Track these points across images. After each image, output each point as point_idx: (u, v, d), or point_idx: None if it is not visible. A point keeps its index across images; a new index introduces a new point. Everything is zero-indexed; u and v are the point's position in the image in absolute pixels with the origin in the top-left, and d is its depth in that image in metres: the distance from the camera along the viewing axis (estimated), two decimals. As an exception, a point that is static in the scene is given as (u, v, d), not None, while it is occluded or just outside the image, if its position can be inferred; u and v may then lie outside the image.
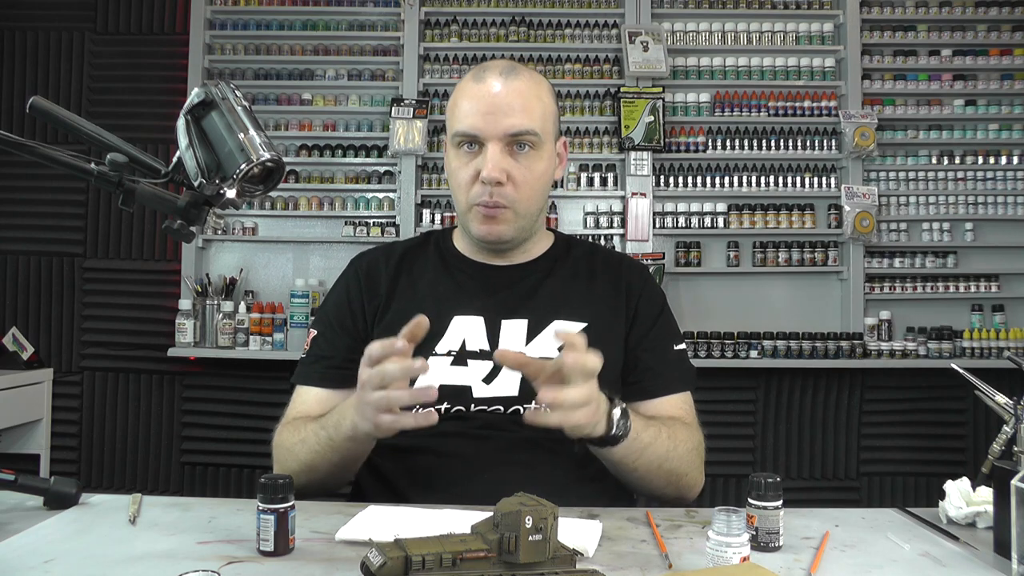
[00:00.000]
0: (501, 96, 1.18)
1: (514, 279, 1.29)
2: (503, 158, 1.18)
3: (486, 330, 1.23)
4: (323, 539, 0.93)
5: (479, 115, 1.18)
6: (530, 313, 1.25)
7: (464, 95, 1.22)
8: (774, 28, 3.34)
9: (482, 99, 1.19)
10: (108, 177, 0.88)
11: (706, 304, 3.25)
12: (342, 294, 1.31)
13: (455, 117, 1.22)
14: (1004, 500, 0.87)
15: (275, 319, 3.12)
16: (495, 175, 1.17)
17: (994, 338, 3.16)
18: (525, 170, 1.20)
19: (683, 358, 1.32)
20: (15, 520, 0.98)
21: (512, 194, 1.20)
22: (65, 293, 3.30)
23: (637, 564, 0.86)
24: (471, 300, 1.26)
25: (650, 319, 1.30)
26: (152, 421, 3.28)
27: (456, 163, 1.23)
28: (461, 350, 1.22)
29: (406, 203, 3.22)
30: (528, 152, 1.20)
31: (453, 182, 1.24)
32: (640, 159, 3.22)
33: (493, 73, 1.21)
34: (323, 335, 1.30)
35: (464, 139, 1.20)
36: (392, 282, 1.29)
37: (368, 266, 1.32)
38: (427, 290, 1.28)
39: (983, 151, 3.32)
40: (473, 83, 1.21)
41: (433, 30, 3.34)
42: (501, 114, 1.18)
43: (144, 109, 3.26)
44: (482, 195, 1.19)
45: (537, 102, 1.22)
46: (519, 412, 1.18)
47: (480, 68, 1.24)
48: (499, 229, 1.22)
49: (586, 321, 1.24)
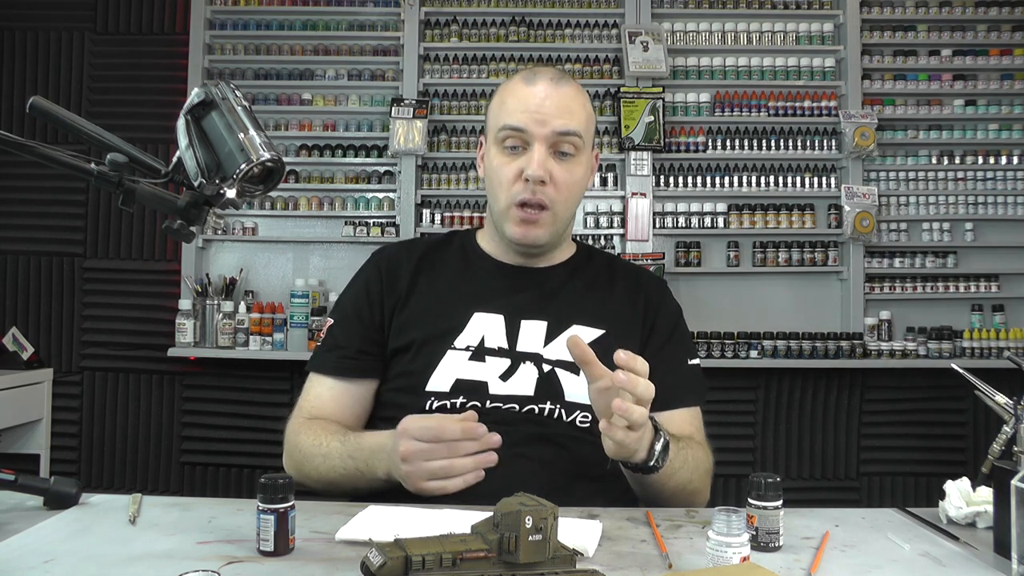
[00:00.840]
0: (552, 98, 1.22)
1: (536, 281, 1.31)
2: (547, 159, 1.22)
3: (505, 328, 1.25)
4: (323, 539, 0.93)
5: (528, 113, 1.21)
6: (550, 316, 1.27)
7: (512, 94, 1.25)
8: (774, 28, 3.34)
9: (532, 98, 1.22)
10: (108, 177, 0.88)
11: (706, 304, 3.25)
12: (361, 286, 1.33)
13: (503, 112, 1.24)
14: (1004, 500, 0.87)
15: (275, 319, 3.12)
16: (540, 173, 1.20)
17: (994, 338, 3.17)
18: (567, 173, 1.24)
19: (697, 372, 1.34)
20: (15, 520, 0.97)
21: (553, 195, 1.23)
22: (65, 293, 3.30)
23: (637, 564, 0.86)
24: (492, 298, 1.28)
25: (666, 332, 1.32)
26: (152, 421, 3.28)
27: (498, 160, 1.24)
28: (480, 346, 1.23)
29: (406, 203, 3.22)
30: (570, 158, 1.24)
31: (494, 179, 1.26)
32: (640, 159, 3.22)
33: (544, 77, 1.25)
34: (339, 324, 1.32)
35: (510, 134, 1.23)
36: (413, 277, 1.31)
37: (389, 260, 1.34)
38: (448, 286, 1.31)
39: (983, 151, 3.32)
40: (524, 84, 1.25)
41: (433, 30, 3.34)
42: (550, 115, 1.21)
43: (144, 109, 3.26)
44: (524, 192, 1.22)
45: (582, 109, 1.26)
46: (533, 411, 1.20)
47: (530, 72, 1.27)
48: (536, 232, 1.24)
49: (604, 328, 1.26)
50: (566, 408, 1.21)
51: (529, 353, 1.23)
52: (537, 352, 1.24)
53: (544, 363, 1.23)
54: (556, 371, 1.22)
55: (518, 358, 1.23)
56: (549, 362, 1.23)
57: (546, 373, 1.22)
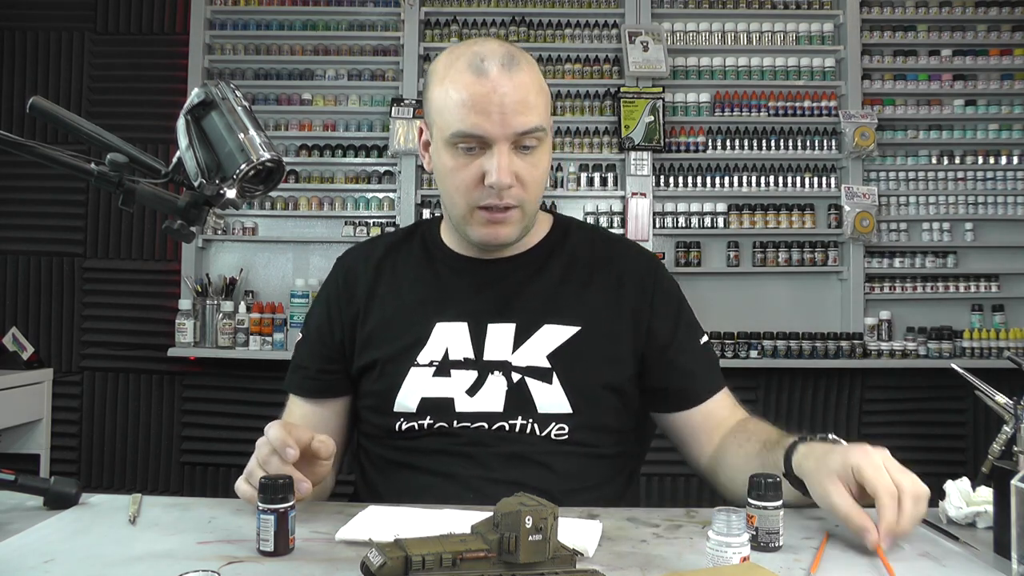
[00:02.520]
0: (509, 92, 1.06)
1: (503, 274, 1.20)
2: (511, 159, 1.08)
3: (470, 336, 1.16)
4: (323, 539, 0.92)
5: (484, 115, 1.05)
6: (518, 316, 1.16)
7: (460, 87, 1.07)
8: (774, 28, 3.34)
9: (487, 97, 1.05)
10: (108, 177, 0.88)
11: (706, 304, 3.25)
12: (323, 302, 1.26)
13: (449, 112, 1.08)
14: (1004, 500, 0.86)
15: (275, 319, 3.12)
16: (507, 180, 1.08)
17: (994, 338, 3.17)
18: (532, 168, 1.11)
19: (710, 350, 1.25)
20: (15, 520, 0.97)
21: (521, 194, 1.11)
22: (65, 293, 3.30)
23: (637, 564, 0.86)
24: (455, 304, 1.18)
25: (672, 317, 1.21)
26: (152, 421, 3.28)
27: (452, 163, 1.10)
28: (444, 359, 1.15)
29: (406, 203, 3.22)
30: (532, 150, 1.10)
31: (448, 184, 1.12)
32: (640, 159, 3.22)
33: (494, 63, 1.06)
34: (303, 342, 1.28)
35: (464, 140, 1.08)
36: (372, 286, 1.22)
37: (347, 271, 1.26)
38: (408, 294, 1.21)
39: (983, 151, 3.32)
40: (472, 75, 1.06)
41: (433, 30, 3.34)
42: (510, 112, 1.06)
43: (144, 109, 3.27)
44: (488, 197, 1.10)
45: (540, 95, 1.11)
46: (504, 428, 1.12)
47: (473, 54, 1.08)
48: (505, 232, 1.13)
49: (580, 324, 1.16)
50: (539, 422, 1.12)
51: (497, 362, 1.14)
52: (505, 360, 1.14)
53: (513, 371, 1.13)
54: (526, 380, 1.13)
55: (485, 368, 1.14)
56: (519, 370, 1.13)
57: (515, 384, 1.13)
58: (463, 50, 1.10)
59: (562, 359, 1.14)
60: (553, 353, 1.14)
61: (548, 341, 1.15)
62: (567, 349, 1.14)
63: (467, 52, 1.09)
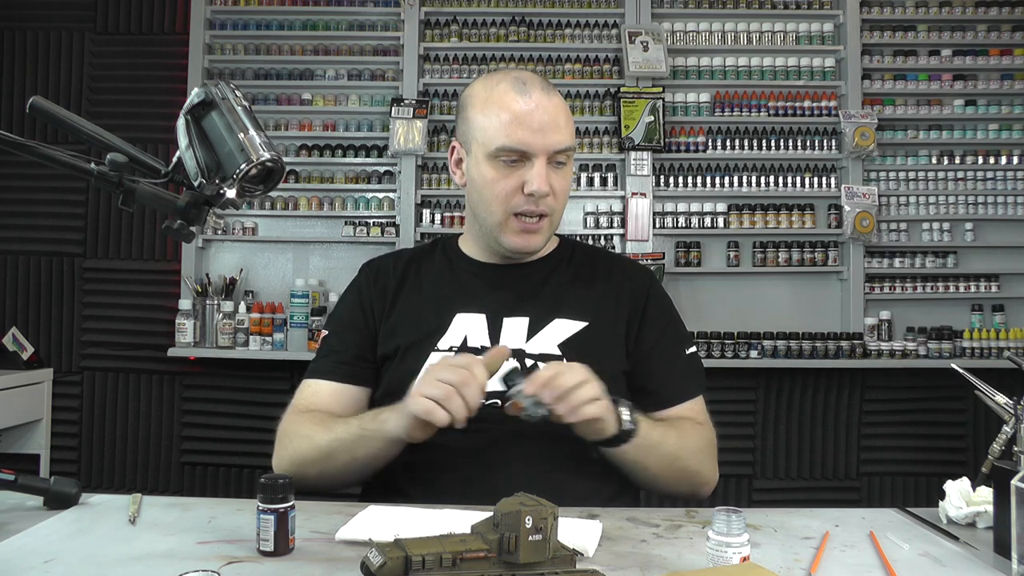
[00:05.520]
0: (548, 112, 1.22)
1: (518, 278, 1.32)
2: (548, 172, 1.23)
3: (488, 327, 1.27)
4: (323, 539, 0.93)
5: (528, 131, 1.20)
6: (531, 311, 1.28)
7: (505, 108, 1.22)
8: (774, 28, 3.34)
9: (529, 114, 1.21)
10: (108, 177, 0.88)
11: (706, 304, 3.25)
12: (354, 296, 1.36)
13: (497, 129, 1.22)
14: (1004, 500, 0.87)
15: (275, 319, 3.12)
16: (546, 188, 1.21)
17: (994, 338, 3.16)
18: (563, 181, 1.26)
19: (695, 361, 1.35)
20: (15, 520, 0.98)
21: (553, 204, 1.25)
22: (65, 293, 3.30)
23: (637, 564, 0.86)
24: (474, 298, 1.29)
25: (659, 326, 1.33)
26: (152, 421, 3.27)
27: (494, 174, 1.23)
28: (462, 346, 1.25)
29: (406, 203, 3.22)
30: (562, 166, 1.26)
31: (488, 193, 1.25)
32: (640, 159, 3.22)
33: (535, 88, 1.23)
34: (334, 333, 1.35)
35: (509, 154, 1.21)
36: (399, 283, 1.34)
37: (377, 270, 1.38)
38: (431, 289, 1.33)
39: (983, 151, 3.32)
40: (516, 96, 1.22)
41: (433, 30, 3.34)
42: (549, 131, 1.21)
43: (144, 109, 3.26)
44: (525, 204, 1.23)
45: (569, 119, 1.27)
46: None
47: (514, 79, 1.25)
48: (536, 240, 1.27)
49: (587, 321, 1.27)
50: None
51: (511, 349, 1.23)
52: (519, 348, 1.25)
53: (527, 358, 1.24)
54: (538, 365, 1.23)
55: None
56: (532, 356, 1.24)
57: (529, 368, 1.23)
58: (501, 76, 1.27)
59: (572, 348, 1.24)
60: (564, 343, 1.25)
61: (559, 333, 1.26)
62: (576, 340, 1.26)
63: (507, 77, 1.26)
